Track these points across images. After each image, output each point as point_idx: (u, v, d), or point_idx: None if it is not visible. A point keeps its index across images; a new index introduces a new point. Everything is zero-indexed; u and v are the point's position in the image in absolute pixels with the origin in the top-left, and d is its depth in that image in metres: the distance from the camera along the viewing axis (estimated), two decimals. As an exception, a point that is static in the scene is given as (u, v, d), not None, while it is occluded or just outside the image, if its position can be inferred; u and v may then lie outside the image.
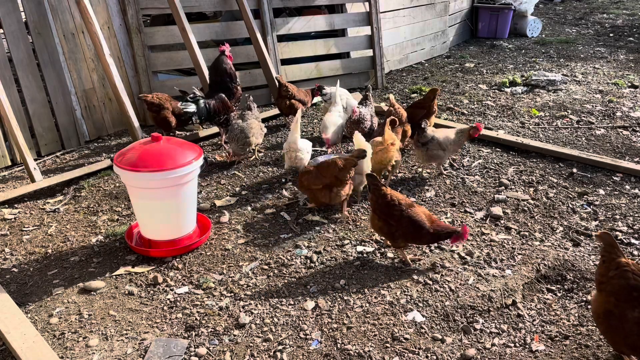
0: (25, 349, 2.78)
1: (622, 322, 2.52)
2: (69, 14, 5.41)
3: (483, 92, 7.10)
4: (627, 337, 2.53)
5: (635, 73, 7.76)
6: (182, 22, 5.70)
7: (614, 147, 5.27)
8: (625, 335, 2.53)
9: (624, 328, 2.52)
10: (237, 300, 3.25)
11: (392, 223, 3.40)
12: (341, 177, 3.88)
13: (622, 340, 2.57)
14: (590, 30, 11.05)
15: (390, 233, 3.44)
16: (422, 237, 3.41)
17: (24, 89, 5.15)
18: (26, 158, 4.61)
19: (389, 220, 3.41)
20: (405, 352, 2.83)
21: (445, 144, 4.48)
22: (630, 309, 2.49)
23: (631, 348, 2.57)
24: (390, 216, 3.40)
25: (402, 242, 3.47)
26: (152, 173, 3.40)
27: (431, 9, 8.94)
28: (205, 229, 3.91)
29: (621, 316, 2.52)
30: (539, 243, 3.75)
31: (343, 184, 3.93)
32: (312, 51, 7.06)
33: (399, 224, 3.37)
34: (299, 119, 4.53)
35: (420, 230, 3.36)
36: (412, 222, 3.36)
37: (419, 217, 3.37)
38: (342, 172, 3.86)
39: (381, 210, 3.44)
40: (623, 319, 2.51)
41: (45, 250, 3.81)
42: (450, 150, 4.56)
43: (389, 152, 4.23)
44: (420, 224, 3.36)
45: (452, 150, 4.59)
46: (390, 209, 3.40)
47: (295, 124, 4.50)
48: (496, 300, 3.20)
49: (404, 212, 3.37)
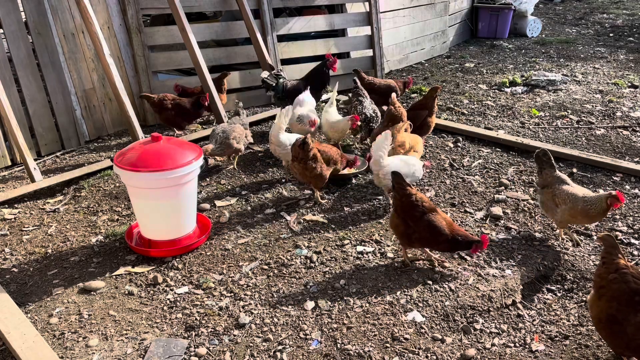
0: (25, 349, 2.78)
1: (624, 327, 2.50)
2: (69, 14, 5.41)
3: (483, 92, 7.09)
4: (630, 342, 2.52)
5: (635, 73, 7.76)
6: (182, 22, 5.70)
7: (614, 147, 5.27)
8: (629, 340, 2.52)
9: (627, 333, 2.51)
10: (237, 300, 3.25)
11: (410, 224, 3.36)
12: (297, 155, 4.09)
13: (625, 344, 2.56)
14: (590, 30, 11.05)
15: (407, 234, 3.39)
16: (440, 243, 3.35)
17: (24, 89, 5.15)
18: (26, 158, 4.61)
19: (408, 221, 3.37)
20: (405, 352, 2.83)
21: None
22: (633, 313, 2.48)
23: (634, 352, 2.56)
24: (410, 217, 3.36)
25: (418, 244, 3.44)
26: (152, 173, 3.40)
27: (431, 9, 8.94)
28: (205, 229, 3.90)
29: (624, 321, 2.51)
30: (538, 243, 3.75)
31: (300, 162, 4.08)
32: (312, 51, 7.05)
33: (417, 225, 3.34)
34: (284, 112, 4.53)
35: (439, 236, 3.30)
36: (431, 227, 3.30)
37: (438, 222, 3.32)
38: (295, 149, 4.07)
39: (402, 209, 3.41)
40: (626, 324, 2.50)
41: (45, 250, 3.81)
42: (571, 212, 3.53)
43: (397, 151, 4.32)
44: (439, 229, 3.30)
45: (575, 215, 3.53)
46: (411, 210, 3.36)
47: (279, 117, 4.50)
48: (496, 300, 3.20)
49: (425, 215, 3.34)
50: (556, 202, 3.55)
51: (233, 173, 4.88)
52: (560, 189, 3.55)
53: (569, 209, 3.47)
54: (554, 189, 3.59)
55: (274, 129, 4.54)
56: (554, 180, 3.63)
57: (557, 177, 3.64)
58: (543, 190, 3.71)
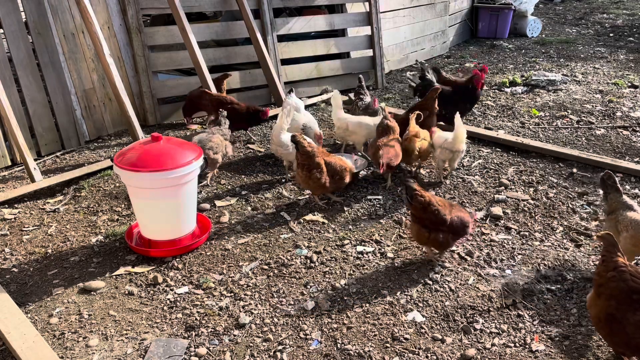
0: (25, 349, 2.78)
1: (623, 326, 2.51)
2: (69, 14, 5.41)
3: (483, 92, 7.09)
4: (630, 340, 2.52)
5: (635, 73, 7.76)
6: (182, 22, 5.70)
7: (614, 147, 5.27)
8: (629, 338, 2.52)
9: (626, 332, 2.51)
10: (237, 300, 3.25)
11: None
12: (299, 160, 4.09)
13: (624, 343, 2.56)
14: (590, 30, 11.05)
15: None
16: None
17: (24, 89, 5.15)
18: (26, 158, 4.61)
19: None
20: (405, 352, 2.83)
21: None
22: (632, 312, 2.48)
23: (634, 350, 2.56)
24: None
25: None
26: (152, 173, 3.40)
27: (431, 9, 8.94)
28: (205, 229, 3.90)
29: (623, 319, 2.51)
30: (539, 243, 3.75)
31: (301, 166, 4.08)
32: (312, 51, 7.06)
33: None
34: (285, 112, 4.51)
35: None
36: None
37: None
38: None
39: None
40: (625, 323, 2.50)
41: (45, 250, 3.81)
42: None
43: (413, 143, 4.46)
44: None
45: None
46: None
47: (281, 117, 4.49)
48: (496, 300, 3.20)
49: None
50: (619, 228, 3.29)
51: (233, 173, 4.89)
52: (624, 215, 3.30)
53: (630, 237, 3.19)
54: (617, 214, 3.34)
55: (275, 129, 4.53)
56: (619, 206, 3.41)
57: (624, 203, 3.38)
58: (608, 217, 3.44)
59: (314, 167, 4.03)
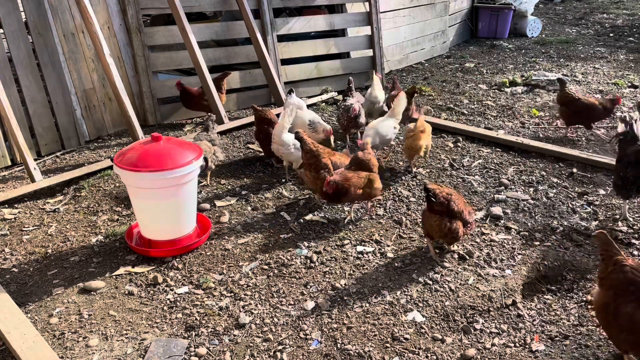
0: (25, 349, 2.78)
1: (615, 317, 2.54)
2: (69, 14, 5.41)
3: (483, 92, 7.09)
4: (620, 332, 2.55)
5: (635, 73, 7.76)
6: (182, 22, 5.70)
7: (614, 147, 5.26)
8: (620, 330, 2.55)
9: (618, 322, 2.54)
10: (237, 300, 3.25)
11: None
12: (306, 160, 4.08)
13: (617, 334, 2.59)
14: (590, 30, 11.04)
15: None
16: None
17: (24, 89, 5.15)
18: (26, 158, 4.61)
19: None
20: (405, 352, 2.83)
21: None
22: (624, 303, 2.50)
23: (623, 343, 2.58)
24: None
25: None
26: (152, 173, 3.40)
27: (431, 9, 8.94)
28: (205, 229, 3.90)
29: (615, 310, 2.54)
30: (539, 243, 3.75)
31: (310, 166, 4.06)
32: (312, 51, 7.06)
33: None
34: (288, 112, 4.51)
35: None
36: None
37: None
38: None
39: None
40: (617, 313, 2.53)
41: (45, 250, 3.81)
42: None
43: (419, 139, 4.53)
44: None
45: None
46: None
47: (283, 117, 4.48)
48: (496, 300, 3.20)
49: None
50: None
51: (233, 173, 4.89)
52: None
53: None
54: None
55: (277, 129, 4.53)
56: None
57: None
58: None
59: (321, 168, 4.02)
